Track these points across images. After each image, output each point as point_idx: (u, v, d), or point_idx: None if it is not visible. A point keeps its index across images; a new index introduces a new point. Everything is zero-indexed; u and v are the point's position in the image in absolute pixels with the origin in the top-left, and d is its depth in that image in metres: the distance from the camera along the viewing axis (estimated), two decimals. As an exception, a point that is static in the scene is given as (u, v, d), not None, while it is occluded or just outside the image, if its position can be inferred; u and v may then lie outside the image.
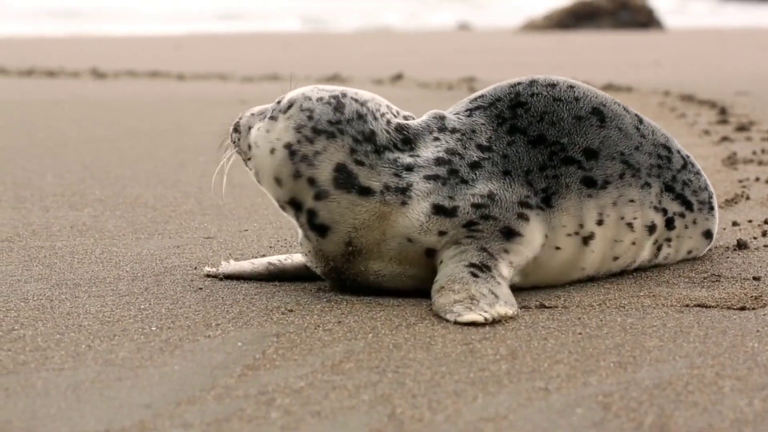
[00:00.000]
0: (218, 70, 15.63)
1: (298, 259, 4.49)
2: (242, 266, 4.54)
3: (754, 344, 3.62)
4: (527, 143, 4.27)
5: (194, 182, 7.04)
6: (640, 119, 4.54)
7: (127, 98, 12.18)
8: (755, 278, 4.45)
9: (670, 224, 4.54)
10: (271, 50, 20.41)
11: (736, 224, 5.47)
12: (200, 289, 4.37)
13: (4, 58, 17.55)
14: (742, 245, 4.97)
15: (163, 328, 3.83)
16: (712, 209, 4.70)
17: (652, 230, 4.48)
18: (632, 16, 27.99)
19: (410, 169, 4.12)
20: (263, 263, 4.53)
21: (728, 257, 4.82)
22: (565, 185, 4.26)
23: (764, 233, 5.24)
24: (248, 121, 4.29)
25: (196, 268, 4.72)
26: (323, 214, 4.11)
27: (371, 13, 38.55)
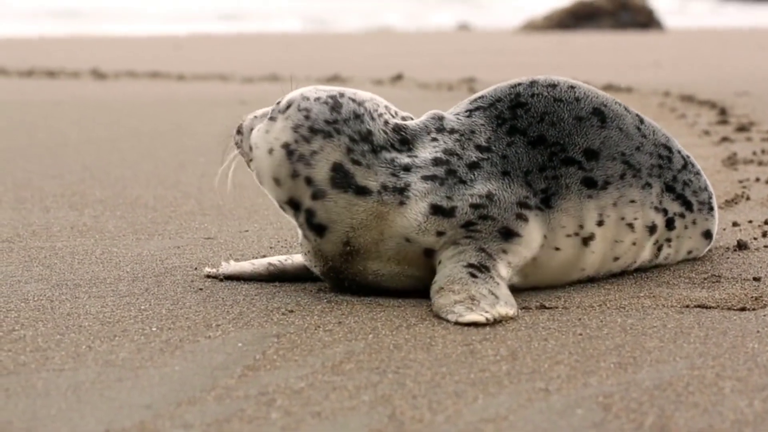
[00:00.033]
0: (218, 70, 15.63)
1: (298, 259, 4.49)
2: (242, 267, 4.54)
3: (754, 345, 3.62)
4: (527, 144, 4.27)
5: (194, 183, 7.04)
6: (641, 119, 4.54)
7: (127, 99, 12.18)
8: (755, 279, 4.45)
9: (670, 225, 4.54)
10: (271, 51, 20.42)
11: (736, 225, 5.47)
12: (201, 289, 4.37)
13: (4, 58, 17.55)
14: (742, 246, 4.97)
15: (163, 328, 3.83)
16: (711, 209, 4.70)
17: (652, 231, 4.48)
18: (632, 16, 28.00)
19: (408, 169, 4.11)
20: (263, 264, 4.53)
21: (728, 258, 4.82)
22: (565, 186, 4.25)
23: (764, 234, 5.24)
24: (250, 123, 4.30)
25: (196, 268, 4.72)
26: (321, 213, 4.11)
27: (372, 13, 38.56)
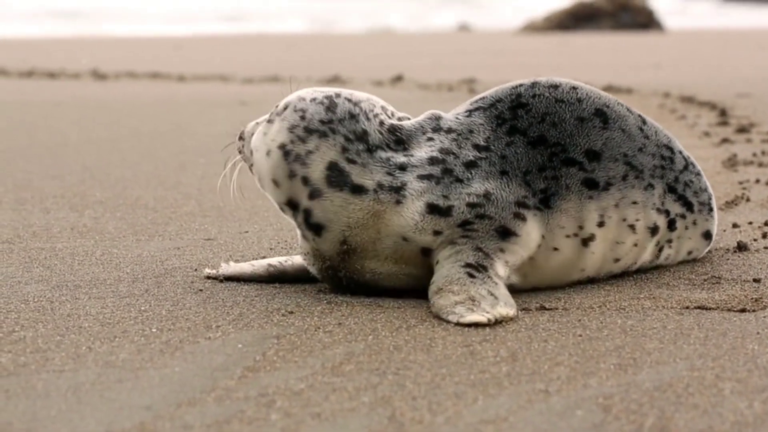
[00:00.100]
0: (219, 71, 15.64)
1: (298, 261, 4.49)
2: (242, 268, 4.55)
3: (754, 346, 3.62)
4: (527, 144, 4.27)
5: (195, 184, 7.04)
6: (643, 120, 4.54)
7: (127, 99, 12.18)
8: (755, 280, 4.45)
9: (671, 226, 4.54)
10: (272, 51, 20.42)
11: (736, 226, 5.47)
12: (200, 290, 4.37)
13: (4, 59, 17.56)
14: (742, 247, 4.97)
15: (163, 329, 3.84)
16: (711, 210, 4.71)
17: (654, 232, 4.47)
18: (632, 17, 28.00)
19: (404, 168, 4.12)
20: (263, 265, 4.53)
21: (728, 259, 4.82)
22: (565, 186, 4.25)
23: (764, 235, 5.24)
24: (252, 129, 4.33)
25: (196, 269, 4.72)
26: (317, 213, 4.12)
27: (374, 14, 38.57)
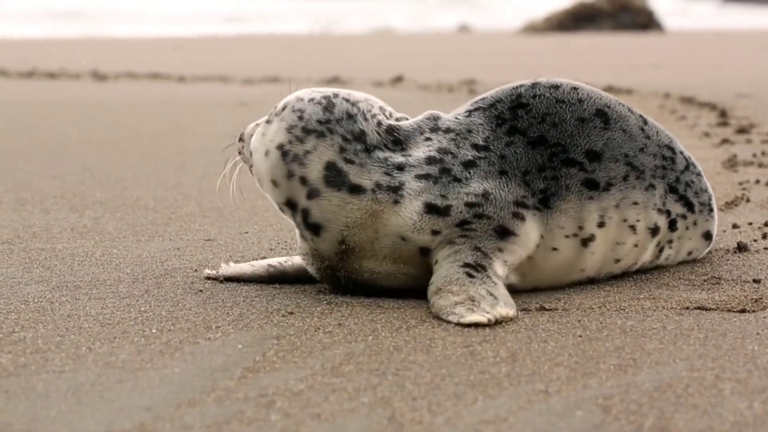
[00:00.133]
0: (219, 72, 15.64)
1: (298, 261, 4.49)
2: (242, 268, 4.55)
3: (754, 347, 3.62)
4: (526, 144, 4.27)
5: (195, 184, 7.04)
6: (644, 120, 4.54)
7: (127, 100, 12.19)
8: (755, 281, 4.45)
9: (672, 226, 4.54)
10: (272, 52, 20.42)
11: (736, 227, 5.47)
12: (200, 291, 4.37)
13: (4, 59, 17.56)
14: (742, 248, 4.97)
15: (163, 330, 3.84)
16: (711, 211, 4.71)
17: (655, 232, 4.47)
18: (632, 17, 28.01)
19: (401, 168, 4.12)
20: (263, 265, 4.53)
21: (728, 260, 4.82)
22: (565, 187, 4.25)
23: (764, 236, 5.24)
24: (251, 130, 4.34)
25: (196, 270, 4.72)
26: (316, 212, 4.12)
27: (375, 15, 38.57)
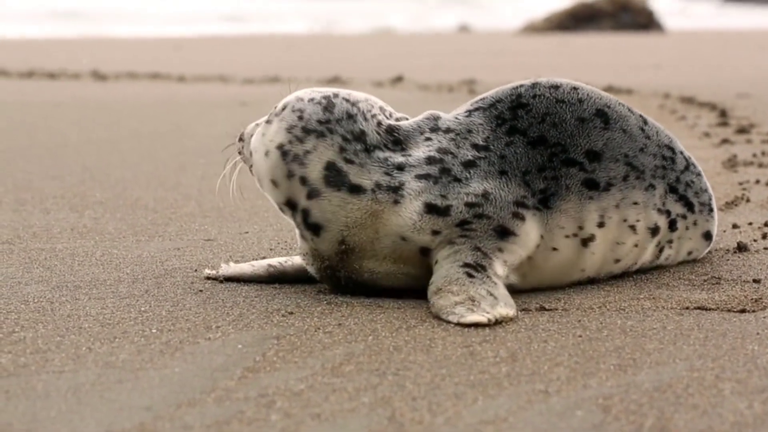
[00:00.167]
0: (219, 72, 15.64)
1: (298, 261, 4.49)
2: (242, 268, 4.55)
3: (754, 347, 3.62)
4: (526, 144, 4.27)
5: (195, 184, 7.04)
6: (644, 120, 4.54)
7: (127, 100, 12.19)
8: (755, 281, 4.45)
9: (672, 226, 4.54)
10: (272, 52, 20.43)
11: (736, 227, 5.47)
12: (200, 291, 4.37)
13: (4, 59, 17.56)
14: (742, 248, 4.97)
15: (163, 330, 3.84)
16: (711, 211, 4.71)
17: (655, 232, 4.47)
18: (632, 18, 28.02)
19: (401, 168, 4.12)
20: (263, 265, 4.53)
21: (728, 260, 4.82)
22: (564, 187, 4.25)
23: (764, 236, 5.24)
24: (252, 130, 4.34)
25: (196, 270, 4.72)
26: (316, 212, 4.13)
27: (375, 15, 38.57)
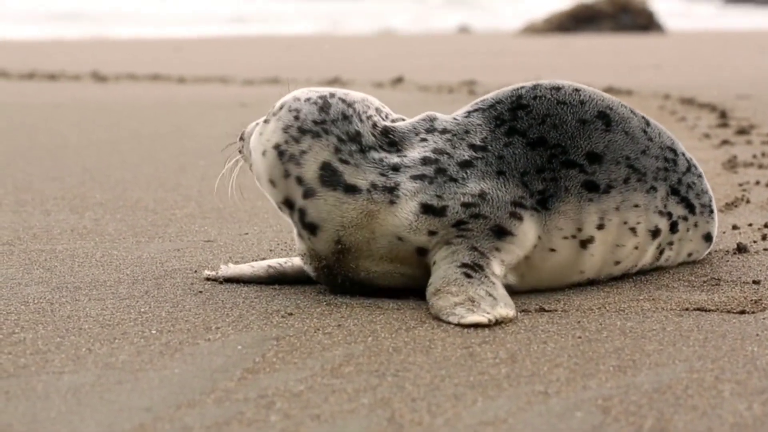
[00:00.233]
0: (219, 73, 15.64)
1: (297, 262, 4.49)
2: (242, 269, 4.55)
3: (753, 348, 3.62)
4: (526, 145, 4.27)
5: (195, 185, 7.04)
6: (647, 122, 4.54)
7: (127, 101, 12.19)
8: (755, 282, 4.45)
9: (673, 228, 4.54)
10: (272, 53, 20.43)
11: (736, 228, 5.47)
12: (200, 292, 4.37)
13: (5, 61, 17.57)
14: (742, 249, 4.97)
15: (163, 331, 3.84)
16: (712, 212, 4.71)
17: (655, 234, 4.47)
18: (633, 19, 28.01)
19: (397, 169, 4.13)
20: (263, 266, 4.53)
21: (728, 261, 4.82)
22: (564, 188, 4.25)
23: (764, 237, 5.24)
24: (252, 129, 4.35)
25: (196, 271, 4.72)
26: (312, 212, 4.14)
27: (375, 16, 38.57)
